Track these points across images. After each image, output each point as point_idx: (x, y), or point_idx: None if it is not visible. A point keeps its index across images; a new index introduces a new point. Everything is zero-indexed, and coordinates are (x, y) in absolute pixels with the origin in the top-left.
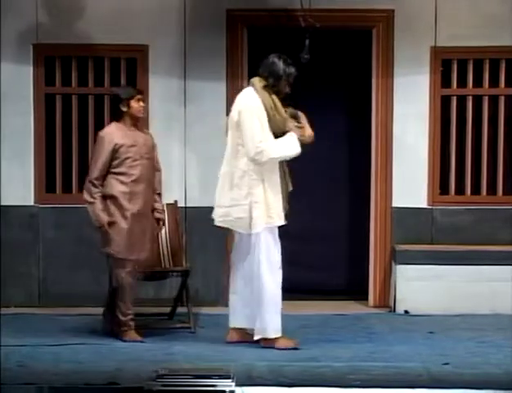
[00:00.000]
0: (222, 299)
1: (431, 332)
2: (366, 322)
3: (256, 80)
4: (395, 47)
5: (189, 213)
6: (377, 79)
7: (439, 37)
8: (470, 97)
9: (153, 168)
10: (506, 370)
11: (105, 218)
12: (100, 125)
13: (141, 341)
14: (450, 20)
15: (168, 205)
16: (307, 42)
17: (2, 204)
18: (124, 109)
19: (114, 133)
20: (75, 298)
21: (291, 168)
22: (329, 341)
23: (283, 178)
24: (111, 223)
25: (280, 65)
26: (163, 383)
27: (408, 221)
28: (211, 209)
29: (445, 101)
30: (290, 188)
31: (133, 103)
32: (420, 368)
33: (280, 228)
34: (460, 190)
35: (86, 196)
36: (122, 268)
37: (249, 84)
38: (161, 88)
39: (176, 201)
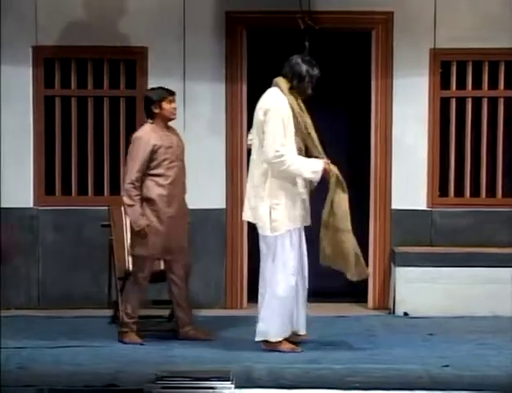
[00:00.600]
0: (221, 301)
1: (431, 334)
2: (365, 324)
3: (281, 81)
4: (394, 48)
5: (190, 215)
6: (376, 80)
7: (438, 39)
8: (469, 99)
9: (184, 169)
10: (506, 372)
11: (144, 222)
12: (99, 127)
13: (141, 344)
14: (449, 21)
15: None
16: (306, 44)
17: (2, 206)
18: (156, 111)
19: (150, 135)
20: (75, 300)
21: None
22: (328, 344)
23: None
24: (148, 227)
25: (304, 66)
26: (162, 385)
27: (407, 223)
28: (210, 210)
29: (444, 103)
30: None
31: (165, 105)
32: (420, 370)
33: None
34: (459, 192)
35: (126, 198)
36: (142, 272)
37: (272, 84)
38: None
39: None
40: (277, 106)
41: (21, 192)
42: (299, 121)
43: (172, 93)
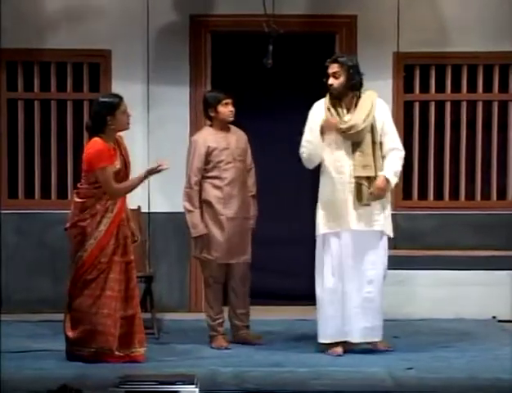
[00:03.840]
0: (186, 304)
1: (395, 337)
2: None
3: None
4: (358, 52)
5: (152, 218)
6: None
7: (402, 42)
8: (433, 103)
9: (246, 170)
10: (470, 375)
11: (203, 230)
12: (62, 130)
13: (226, 348)
14: (412, 25)
15: (131, 210)
16: (270, 47)
17: None
18: (212, 114)
19: (206, 137)
20: (37, 304)
21: None
22: (293, 347)
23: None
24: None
25: None
26: (126, 389)
27: None
28: (174, 214)
29: (408, 107)
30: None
31: (221, 108)
32: (384, 373)
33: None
34: (422, 195)
35: (186, 203)
36: (209, 273)
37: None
38: (124, 93)
39: (139, 207)
40: None
41: None
42: None
43: (228, 96)
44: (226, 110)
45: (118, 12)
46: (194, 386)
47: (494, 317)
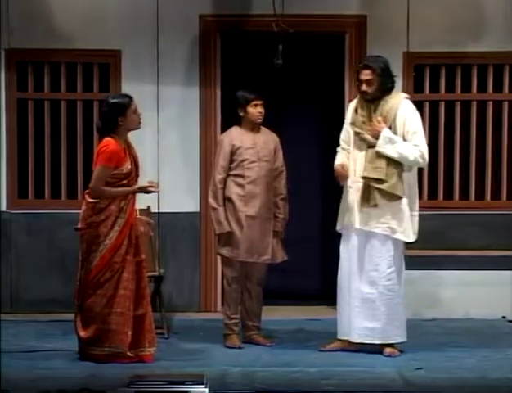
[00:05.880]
0: (196, 304)
1: None
2: None
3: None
4: (368, 52)
5: (162, 218)
6: (350, 84)
7: (412, 42)
8: (443, 103)
9: (273, 170)
10: (480, 375)
11: (227, 227)
12: (72, 130)
13: (239, 347)
14: (422, 25)
15: (141, 210)
16: (280, 47)
17: None
18: (241, 114)
19: (231, 136)
20: (47, 303)
21: None
22: (303, 347)
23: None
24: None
25: None
26: (136, 389)
27: None
28: (184, 214)
29: (417, 107)
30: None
31: (250, 108)
32: (394, 373)
33: None
34: (432, 195)
35: (211, 201)
36: (230, 272)
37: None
38: (134, 94)
39: (149, 207)
40: None
41: None
42: None
43: (258, 98)
44: (255, 111)
45: (127, 12)
46: (203, 385)
47: (504, 317)
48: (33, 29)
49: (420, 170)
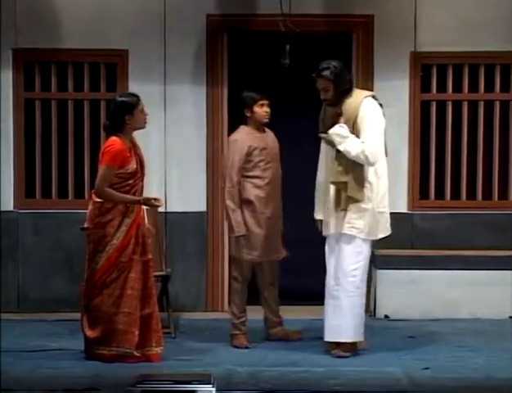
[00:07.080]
0: (202, 304)
1: (411, 337)
2: None
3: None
4: (375, 51)
5: (169, 218)
6: (357, 83)
7: (419, 42)
8: (450, 102)
9: (279, 171)
10: (486, 375)
11: (244, 230)
12: (79, 130)
13: (246, 347)
14: (429, 25)
15: (147, 210)
16: (287, 47)
17: None
18: (248, 114)
19: (244, 137)
20: (54, 303)
21: None
22: (309, 347)
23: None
24: (247, 231)
25: None
26: (143, 388)
27: None
28: (191, 213)
29: (425, 106)
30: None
31: (256, 108)
32: (400, 373)
33: None
34: (439, 195)
35: (229, 202)
36: (240, 272)
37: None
38: (141, 93)
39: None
40: None
41: (1, 195)
42: None
43: (264, 97)
44: (262, 110)
45: (135, 12)
46: (210, 385)
47: (511, 317)
48: (40, 29)
49: (426, 171)
